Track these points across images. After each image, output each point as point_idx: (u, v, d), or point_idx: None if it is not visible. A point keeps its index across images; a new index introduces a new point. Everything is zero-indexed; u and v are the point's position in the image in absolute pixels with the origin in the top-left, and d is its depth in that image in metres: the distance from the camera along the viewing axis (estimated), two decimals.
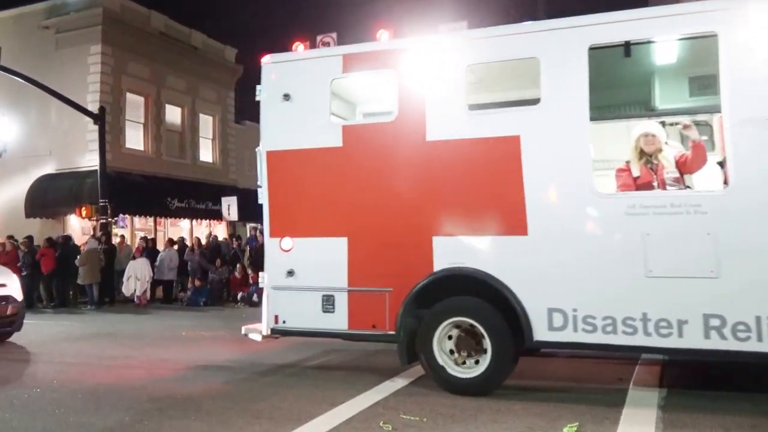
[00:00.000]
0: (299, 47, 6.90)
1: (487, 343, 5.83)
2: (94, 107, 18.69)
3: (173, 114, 23.51)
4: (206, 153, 25.05)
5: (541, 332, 5.66)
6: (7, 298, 9.68)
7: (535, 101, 5.89)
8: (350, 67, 6.54)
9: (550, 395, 5.93)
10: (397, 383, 6.43)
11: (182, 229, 23.08)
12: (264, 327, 6.66)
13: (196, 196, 22.65)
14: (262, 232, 17.25)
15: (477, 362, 5.92)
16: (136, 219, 21.58)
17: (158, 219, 22.35)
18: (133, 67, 21.54)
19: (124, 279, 16.10)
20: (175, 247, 17.32)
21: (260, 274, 6.84)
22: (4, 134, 19.32)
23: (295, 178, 6.66)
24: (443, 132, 6.09)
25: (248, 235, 18.58)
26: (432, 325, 6.04)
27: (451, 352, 6.01)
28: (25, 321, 10.25)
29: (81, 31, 20.63)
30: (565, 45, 5.75)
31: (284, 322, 6.57)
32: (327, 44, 17.75)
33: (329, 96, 6.56)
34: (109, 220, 17.55)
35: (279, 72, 6.80)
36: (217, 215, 21.70)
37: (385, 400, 5.78)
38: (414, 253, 6.11)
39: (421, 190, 6.18)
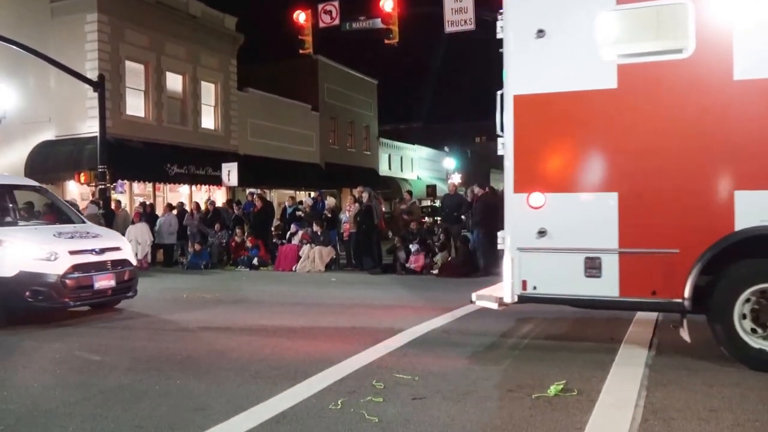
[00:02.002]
0: None
1: None
2: (93, 75, 18.57)
3: (174, 81, 23.40)
4: (208, 120, 24.99)
5: None
6: (124, 262, 9.08)
7: None
8: None
9: (541, 354, 6.06)
10: (394, 343, 6.53)
11: (181, 194, 23.20)
12: (507, 293, 5.98)
13: (196, 162, 22.73)
14: (261, 197, 17.52)
15: None
16: (135, 185, 21.71)
17: (157, 185, 22.51)
18: (130, 35, 21.37)
19: None
20: (174, 212, 17.44)
21: (498, 234, 6.20)
22: (3, 101, 19.25)
23: (549, 125, 5.92)
24: (760, 69, 5.30)
25: (246, 200, 18.62)
26: (734, 293, 5.37)
27: (745, 319, 5.39)
28: None
29: (76, 0, 20.43)
30: None
31: (534, 288, 5.88)
32: (329, 12, 17.35)
33: (599, 31, 5.75)
34: (108, 185, 17.62)
35: (530, 5, 6.02)
36: (216, 181, 21.79)
37: (380, 359, 5.89)
38: (708, 210, 5.42)
39: (723, 138, 5.40)
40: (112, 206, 17.48)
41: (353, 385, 5.06)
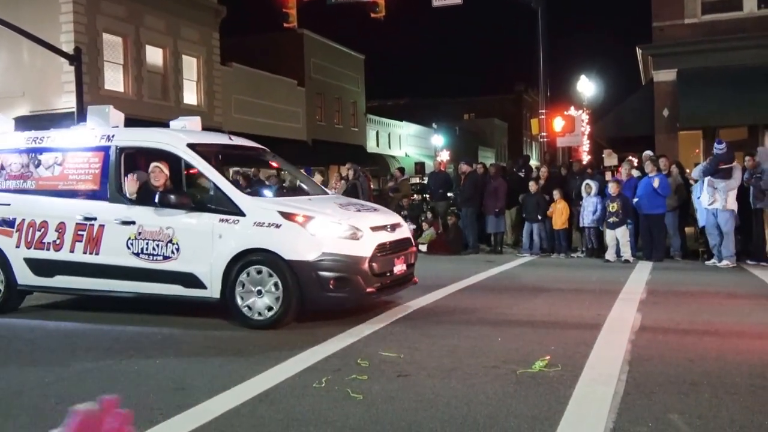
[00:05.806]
0: None
1: None
2: (69, 48, 18.11)
3: (154, 55, 22.88)
4: (190, 95, 24.56)
5: None
6: (408, 242, 7.32)
7: None
8: None
9: (526, 330, 6.05)
10: (381, 322, 6.48)
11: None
12: None
13: None
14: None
15: None
16: None
17: None
18: (107, 6, 20.80)
19: None
20: None
21: None
22: None
23: None
24: None
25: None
26: None
27: None
28: None
29: None
30: None
31: None
32: None
33: None
34: None
35: None
36: None
37: (366, 338, 5.84)
38: None
39: None
40: None
41: (338, 363, 5.01)
